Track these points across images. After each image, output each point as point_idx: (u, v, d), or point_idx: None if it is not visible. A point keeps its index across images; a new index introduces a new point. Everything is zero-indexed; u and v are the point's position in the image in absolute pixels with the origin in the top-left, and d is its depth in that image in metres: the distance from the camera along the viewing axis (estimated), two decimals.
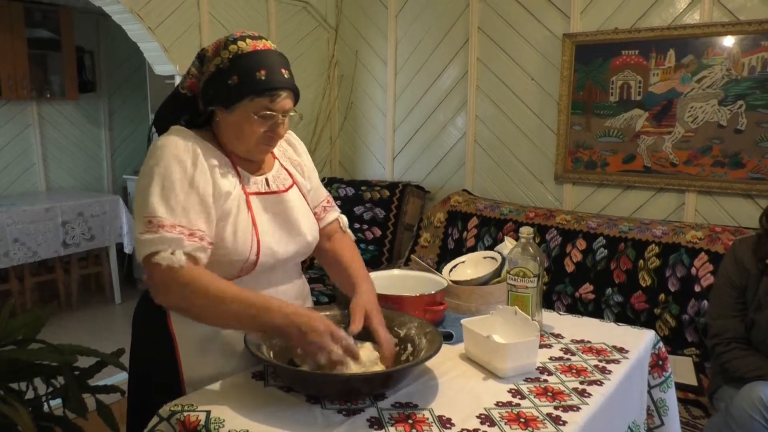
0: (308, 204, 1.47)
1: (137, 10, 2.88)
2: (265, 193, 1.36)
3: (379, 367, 1.21)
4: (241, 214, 1.30)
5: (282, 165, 1.46)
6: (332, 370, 1.15)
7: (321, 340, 1.14)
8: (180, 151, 1.25)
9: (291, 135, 1.54)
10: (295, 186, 1.44)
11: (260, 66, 1.26)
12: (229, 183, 1.30)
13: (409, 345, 1.32)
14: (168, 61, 3.06)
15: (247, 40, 1.28)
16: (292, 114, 1.33)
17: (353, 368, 1.16)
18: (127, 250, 4.43)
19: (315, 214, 1.50)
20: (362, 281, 1.39)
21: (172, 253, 1.17)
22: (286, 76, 1.29)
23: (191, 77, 1.34)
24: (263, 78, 1.25)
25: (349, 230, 1.59)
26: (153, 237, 1.19)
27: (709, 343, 2.03)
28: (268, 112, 1.27)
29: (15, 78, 4.25)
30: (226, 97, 1.27)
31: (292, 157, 1.50)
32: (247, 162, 1.37)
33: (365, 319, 1.27)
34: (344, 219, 1.59)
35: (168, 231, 1.19)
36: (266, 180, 1.38)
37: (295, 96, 1.33)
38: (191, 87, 1.35)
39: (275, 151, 1.46)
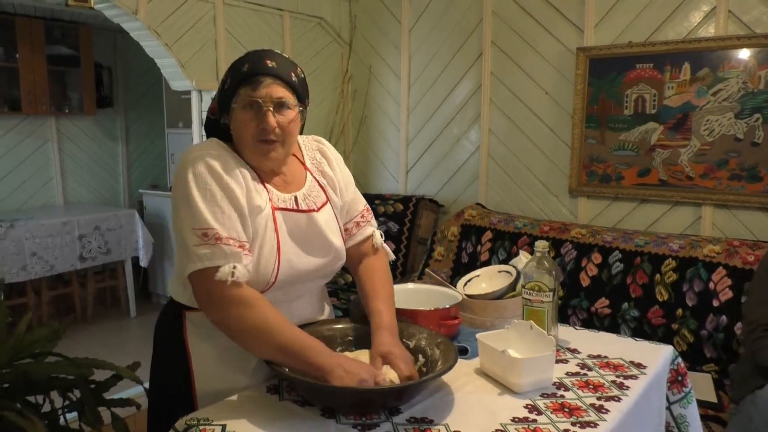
0: (338, 221, 1.41)
1: (155, 27, 2.93)
2: (293, 210, 1.31)
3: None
4: (267, 233, 1.26)
5: (315, 179, 1.41)
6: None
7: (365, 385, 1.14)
8: (213, 162, 1.23)
9: (326, 147, 1.49)
10: (328, 204, 1.40)
11: (245, 61, 1.28)
12: (260, 197, 1.27)
13: (420, 356, 1.32)
14: (184, 77, 3.10)
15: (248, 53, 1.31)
16: (288, 106, 1.26)
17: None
18: (143, 263, 4.46)
19: (347, 230, 1.45)
20: (377, 327, 1.31)
21: (234, 268, 1.16)
22: (270, 64, 1.26)
23: (214, 101, 1.37)
24: (245, 69, 1.26)
25: (385, 246, 1.51)
26: (212, 250, 1.17)
27: (745, 330, 2.02)
28: (254, 100, 1.24)
29: (35, 94, 4.33)
30: (225, 102, 1.29)
31: (326, 171, 1.44)
32: (273, 178, 1.34)
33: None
34: (378, 235, 1.50)
35: (225, 243, 1.17)
36: (295, 198, 1.33)
37: (289, 86, 1.27)
38: (213, 110, 1.37)
39: (307, 163, 1.42)
